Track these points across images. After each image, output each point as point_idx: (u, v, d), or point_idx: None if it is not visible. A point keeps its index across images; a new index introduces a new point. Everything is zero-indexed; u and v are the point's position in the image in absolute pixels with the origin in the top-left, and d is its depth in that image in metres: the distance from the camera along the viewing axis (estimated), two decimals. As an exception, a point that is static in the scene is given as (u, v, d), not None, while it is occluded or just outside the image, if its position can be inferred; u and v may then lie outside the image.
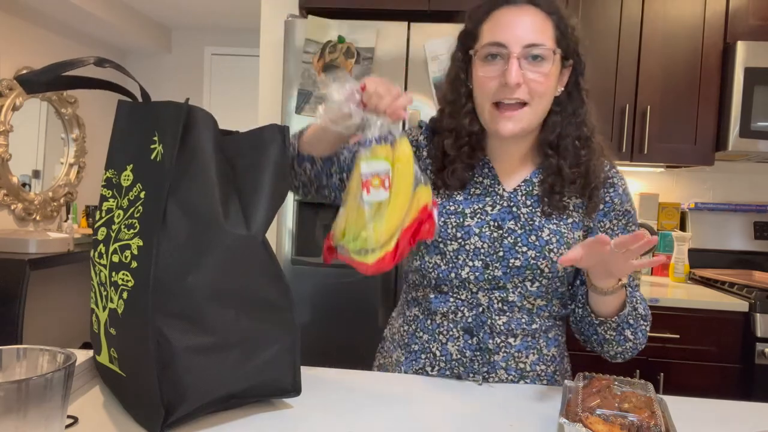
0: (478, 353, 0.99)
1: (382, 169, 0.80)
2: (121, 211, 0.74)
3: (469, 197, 1.01)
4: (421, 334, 1.03)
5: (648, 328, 0.99)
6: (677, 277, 2.28)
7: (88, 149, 3.75)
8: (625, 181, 1.04)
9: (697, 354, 1.90)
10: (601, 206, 1.01)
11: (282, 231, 1.94)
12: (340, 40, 1.88)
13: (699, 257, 2.43)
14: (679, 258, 2.28)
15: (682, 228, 2.48)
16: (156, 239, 0.68)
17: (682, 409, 0.82)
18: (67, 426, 0.70)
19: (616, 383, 0.78)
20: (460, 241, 0.98)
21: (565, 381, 0.82)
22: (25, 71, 3.17)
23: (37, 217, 3.34)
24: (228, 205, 0.74)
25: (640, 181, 2.56)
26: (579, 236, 1.00)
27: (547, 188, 0.99)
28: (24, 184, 3.25)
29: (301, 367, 0.82)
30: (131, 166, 0.76)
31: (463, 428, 0.77)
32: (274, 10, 2.34)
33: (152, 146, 0.72)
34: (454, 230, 0.99)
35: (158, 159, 0.71)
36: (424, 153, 1.06)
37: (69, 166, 3.61)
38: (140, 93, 0.77)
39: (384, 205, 0.80)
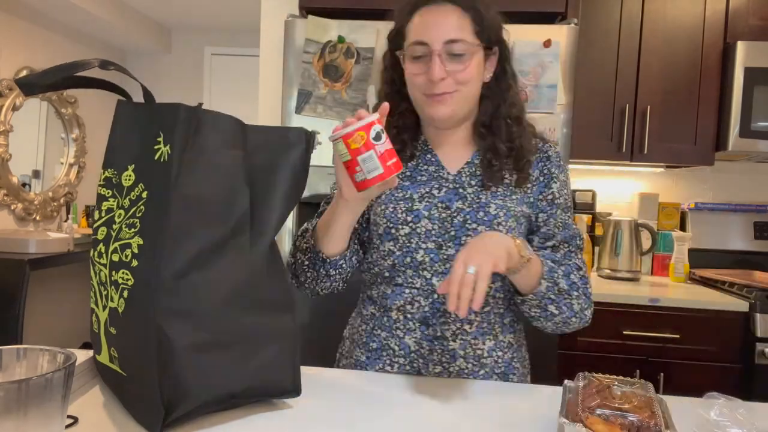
0: (436, 343, 1.02)
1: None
2: (122, 211, 0.74)
3: (415, 183, 1.06)
4: (379, 331, 1.06)
5: (580, 300, 1.00)
6: (677, 277, 2.28)
7: (88, 149, 3.75)
8: (558, 152, 1.10)
9: (697, 354, 1.90)
10: (542, 179, 1.07)
11: (282, 231, 1.94)
12: (340, 40, 1.88)
13: (699, 257, 2.43)
14: (679, 258, 2.28)
15: (682, 228, 2.48)
16: (158, 238, 0.68)
17: (682, 409, 0.82)
18: (67, 426, 0.70)
19: (616, 383, 0.78)
20: (411, 225, 1.02)
21: (565, 381, 0.82)
22: (25, 71, 3.17)
23: (37, 217, 3.34)
24: (234, 205, 0.74)
25: (640, 181, 2.57)
26: (525, 210, 1.04)
27: (485, 164, 1.04)
28: (24, 184, 3.25)
29: (301, 367, 0.83)
30: (133, 166, 0.76)
31: (463, 428, 0.77)
32: (274, 10, 2.34)
33: (156, 147, 0.72)
34: (404, 215, 1.03)
35: (163, 159, 0.71)
36: None
37: (69, 166, 3.61)
38: (143, 94, 0.77)
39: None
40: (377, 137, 0.82)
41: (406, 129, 1.08)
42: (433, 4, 1.00)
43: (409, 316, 1.03)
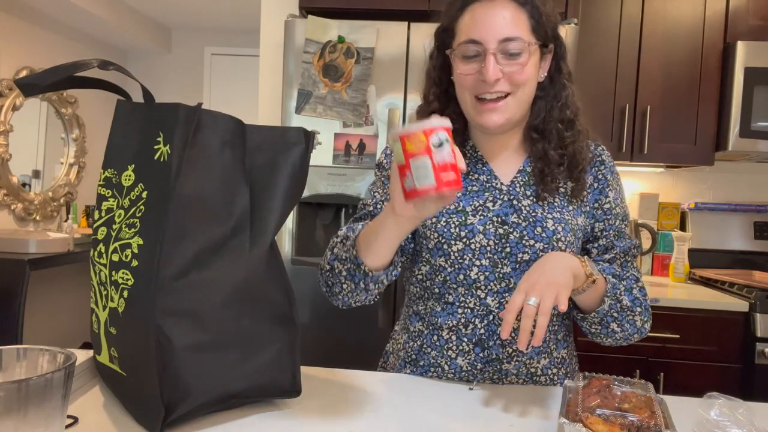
0: (489, 365, 0.98)
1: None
2: (122, 211, 0.74)
3: (467, 194, 1.00)
4: (428, 350, 1.01)
5: (642, 316, 0.97)
6: (677, 277, 2.28)
7: (88, 149, 3.75)
8: (611, 156, 1.05)
9: (697, 354, 1.90)
10: (596, 185, 1.02)
11: (282, 231, 1.94)
12: (340, 40, 1.88)
13: (699, 257, 2.43)
14: (679, 258, 2.28)
15: (682, 228, 2.48)
16: (158, 238, 0.68)
17: (682, 409, 0.82)
18: (67, 426, 0.70)
19: (616, 383, 0.78)
20: (464, 240, 0.96)
21: (566, 381, 0.82)
22: (24, 71, 3.17)
23: (37, 217, 3.33)
24: (234, 205, 0.74)
25: (640, 181, 2.56)
26: (582, 222, 1.00)
27: (537, 173, 0.99)
28: (24, 184, 3.25)
29: (301, 367, 0.83)
30: (133, 166, 0.76)
31: (463, 428, 0.77)
32: (274, 10, 2.34)
33: (156, 147, 0.72)
34: (457, 229, 0.97)
35: (162, 159, 0.71)
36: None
37: (69, 166, 3.61)
38: (143, 94, 0.77)
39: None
40: (439, 144, 0.72)
41: (455, 134, 0.99)
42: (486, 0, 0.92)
43: (464, 338, 0.98)
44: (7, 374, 0.60)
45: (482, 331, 0.97)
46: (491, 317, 0.97)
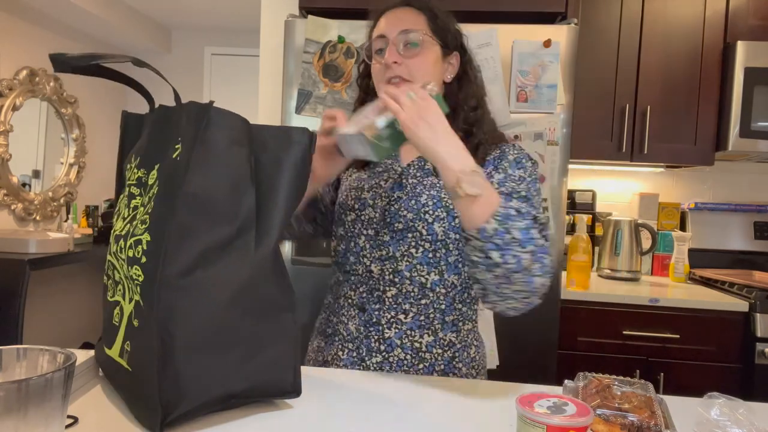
0: (371, 328, 1.06)
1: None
2: (143, 208, 0.76)
3: (372, 176, 1.14)
4: (333, 318, 1.13)
5: (533, 260, 0.86)
6: (677, 277, 2.28)
7: (88, 149, 3.75)
8: (522, 153, 1.08)
9: (697, 354, 1.90)
10: (489, 169, 1.06)
11: (282, 231, 1.94)
12: (340, 40, 1.88)
13: (699, 257, 2.43)
14: (679, 258, 2.28)
15: (682, 228, 2.48)
16: (163, 235, 0.68)
17: (682, 409, 0.82)
18: (67, 426, 0.70)
19: (616, 383, 0.78)
20: (357, 212, 1.11)
21: (565, 381, 0.82)
22: (24, 71, 3.17)
23: (37, 217, 3.33)
24: (240, 204, 0.74)
25: (640, 181, 2.57)
26: None
27: None
28: (24, 184, 3.25)
29: (301, 367, 0.83)
30: (158, 165, 0.76)
31: (463, 428, 0.77)
32: (274, 10, 2.34)
33: (176, 146, 0.73)
34: (352, 202, 1.12)
35: (177, 157, 0.72)
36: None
37: (69, 166, 3.61)
38: (174, 96, 0.79)
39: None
40: None
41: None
42: (395, 8, 1.10)
43: (350, 302, 1.10)
44: (7, 374, 0.60)
45: (364, 295, 1.08)
46: (371, 282, 1.08)
